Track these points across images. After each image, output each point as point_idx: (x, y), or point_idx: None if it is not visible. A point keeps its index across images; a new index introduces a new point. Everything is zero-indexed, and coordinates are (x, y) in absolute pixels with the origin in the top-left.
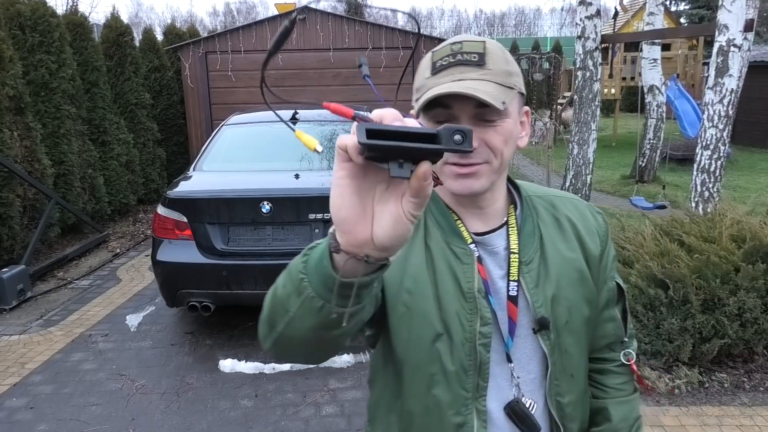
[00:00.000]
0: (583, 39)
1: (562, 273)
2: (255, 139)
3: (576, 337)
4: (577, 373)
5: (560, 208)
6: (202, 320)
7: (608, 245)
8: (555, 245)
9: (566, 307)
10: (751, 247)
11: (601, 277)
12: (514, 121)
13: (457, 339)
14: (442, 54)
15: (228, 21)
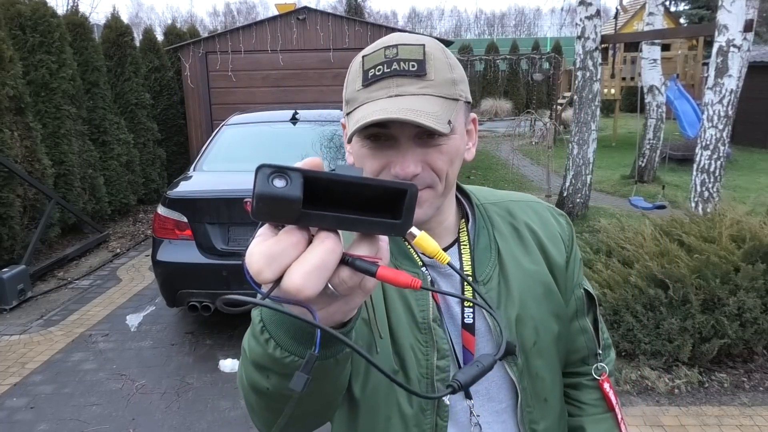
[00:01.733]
0: (583, 39)
1: (525, 289)
2: (255, 139)
3: (546, 358)
4: (550, 397)
5: (518, 214)
6: (202, 320)
7: (573, 250)
8: (515, 258)
9: (533, 327)
10: (750, 247)
11: (569, 285)
12: (461, 135)
13: (413, 375)
14: (374, 61)
15: (228, 21)
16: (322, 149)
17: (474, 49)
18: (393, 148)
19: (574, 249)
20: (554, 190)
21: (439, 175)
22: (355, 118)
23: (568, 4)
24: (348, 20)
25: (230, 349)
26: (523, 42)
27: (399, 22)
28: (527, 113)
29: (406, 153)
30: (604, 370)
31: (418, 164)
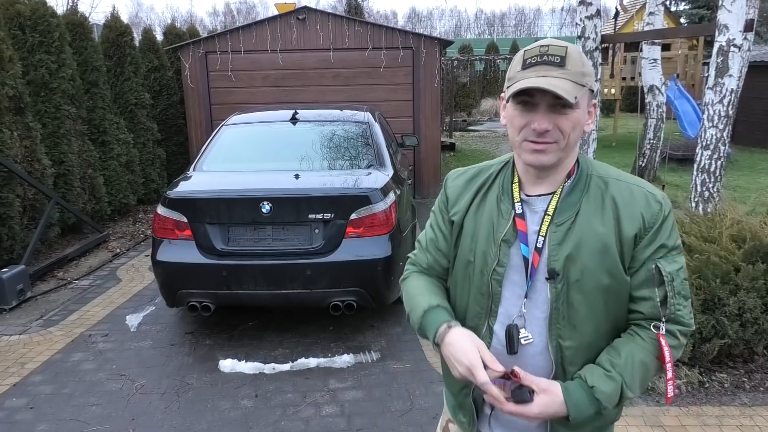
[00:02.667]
0: (583, 39)
1: (585, 241)
2: (255, 139)
3: (586, 296)
4: (581, 327)
5: (611, 189)
6: (202, 320)
7: (658, 230)
8: (589, 218)
9: (579, 269)
10: (751, 247)
11: (638, 256)
12: (583, 111)
13: (478, 270)
14: (532, 53)
15: (228, 21)
16: (322, 149)
17: (474, 49)
18: (534, 112)
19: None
20: None
21: (563, 134)
22: (512, 89)
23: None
24: (348, 20)
25: (230, 349)
26: (523, 42)
27: (399, 22)
28: None
29: (544, 115)
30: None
31: (550, 123)
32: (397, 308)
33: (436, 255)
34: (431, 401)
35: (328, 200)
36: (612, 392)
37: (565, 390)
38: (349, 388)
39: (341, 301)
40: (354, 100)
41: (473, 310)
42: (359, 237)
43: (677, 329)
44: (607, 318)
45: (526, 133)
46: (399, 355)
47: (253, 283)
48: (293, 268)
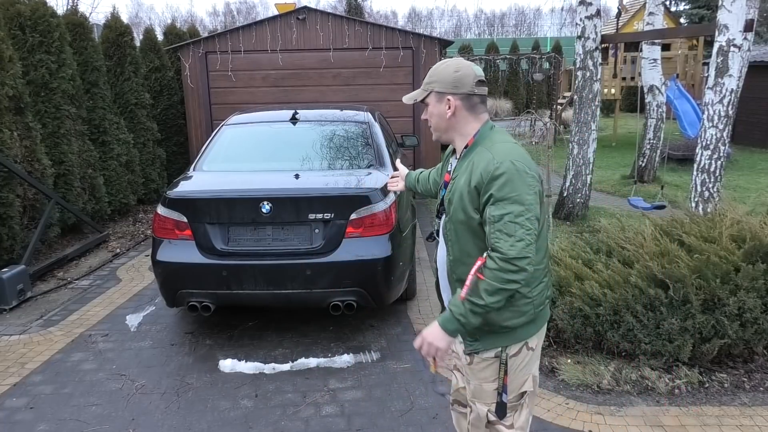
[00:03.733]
0: (583, 39)
1: (456, 189)
2: (255, 139)
3: (454, 226)
4: (454, 246)
5: (475, 154)
6: (202, 320)
7: (489, 184)
8: (462, 174)
9: (453, 207)
10: (751, 247)
11: (481, 202)
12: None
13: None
14: None
15: (228, 21)
16: (322, 149)
17: (474, 49)
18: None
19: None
20: (554, 190)
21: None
22: None
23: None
24: (348, 20)
25: (230, 349)
26: (523, 42)
27: (399, 22)
28: (527, 113)
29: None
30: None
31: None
32: (397, 308)
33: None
34: (431, 401)
35: (328, 200)
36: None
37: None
38: (349, 388)
39: (341, 301)
40: (354, 100)
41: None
42: (359, 237)
43: (495, 255)
44: (466, 242)
45: None
46: (399, 355)
47: (253, 283)
48: (293, 268)
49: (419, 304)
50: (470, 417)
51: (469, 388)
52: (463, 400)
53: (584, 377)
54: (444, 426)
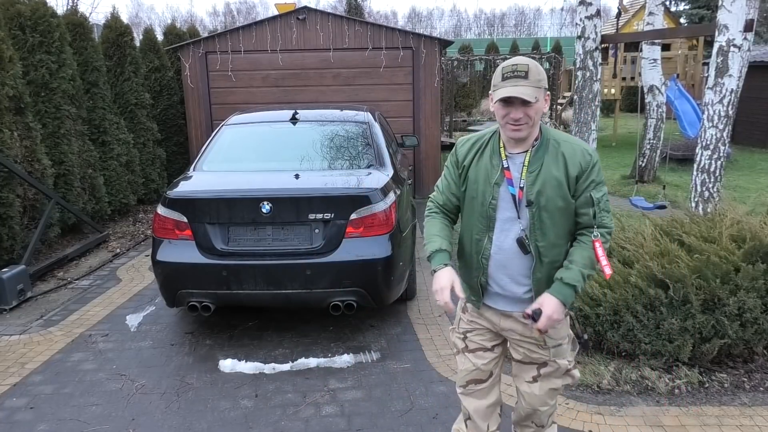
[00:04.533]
0: (583, 39)
1: (547, 180)
2: (255, 139)
3: (549, 213)
4: (548, 232)
5: (562, 147)
6: (202, 320)
7: (590, 172)
8: (548, 166)
9: (545, 197)
10: (751, 247)
11: (579, 188)
12: (541, 102)
13: (478, 203)
14: (506, 69)
15: (228, 21)
16: (322, 149)
17: (474, 49)
18: (512, 106)
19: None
20: None
21: (530, 118)
22: (498, 94)
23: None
24: (348, 20)
25: (230, 349)
26: (523, 42)
27: (399, 22)
28: None
29: (517, 108)
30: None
31: (522, 114)
32: (397, 308)
33: (449, 196)
34: (431, 401)
35: (328, 200)
36: (576, 276)
37: (551, 293)
38: (349, 388)
39: (341, 301)
40: (354, 100)
41: (477, 228)
42: (359, 237)
43: (604, 231)
44: (562, 226)
45: (507, 119)
46: (399, 355)
47: (253, 283)
48: (293, 268)
49: (419, 304)
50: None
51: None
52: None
53: (584, 377)
54: (444, 426)
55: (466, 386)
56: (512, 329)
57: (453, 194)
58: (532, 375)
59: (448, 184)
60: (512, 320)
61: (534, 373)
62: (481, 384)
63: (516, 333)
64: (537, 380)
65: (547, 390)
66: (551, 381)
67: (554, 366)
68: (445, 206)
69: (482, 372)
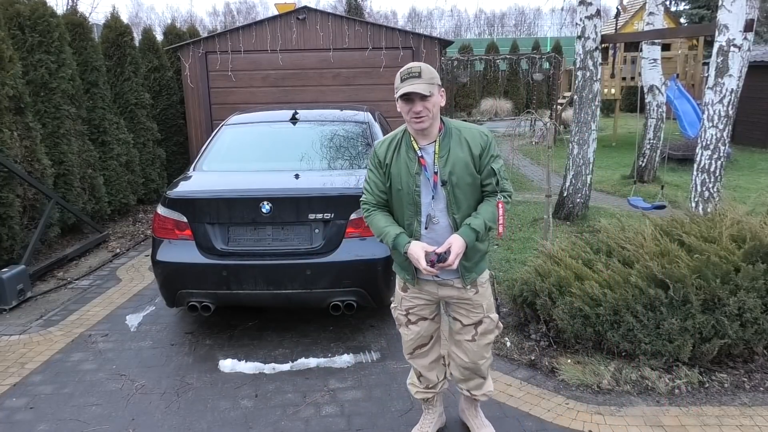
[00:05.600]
0: (583, 39)
1: (456, 162)
2: (255, 139)
3: (461, 190)
4: (462, 206)
5: (463, 133)
6: (202, 320)
7: (488, 149)
8: (455, 150)
9: (456, 176)
10: (751, 247)
11: (482, 163)
12: (437, 96)
13: (405, 192)
14: (404, 72)
15: (228, 21)
16: (322, 149)
17: (474, 48)
18: (412, 102)
19: (489, 149)
20: (554, 190)
21: (429, 111)
22: (399, 93)
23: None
24: (348, 20)
25: (230, 349)
26: (523, 42)
27: (399, 22)
28: (527, 113)
29: (417, 103)
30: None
31: (422, 107)
32: None
33: (379, 194)
34: None
35: (328, 200)
36: (480, 224)
37: (459, 234)
38: (349, 388)
39: (341, 301)
40: (354, 100)
41: (407, 214)
42: (359, 237)
43: (506, 194)
44: (472, 198)
45: (411, 114)
46: (399, 355)
47: (253, 283)
48: (293, 268)
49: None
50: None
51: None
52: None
53: (584, 377)
54: (444, 426)
55: (413, 352)
56: (450, 295)
57: (381, 191)
58: (471, 334)
59: (375, 183)
60: (448, 287)
61: (473, 332)
62: (424, 347)
63: (454, 298)
64: (475, 338)
65: (484, 345)
66: (486, 337)
67: (488, 321)
68: (378, 204)
69: (424, 338)
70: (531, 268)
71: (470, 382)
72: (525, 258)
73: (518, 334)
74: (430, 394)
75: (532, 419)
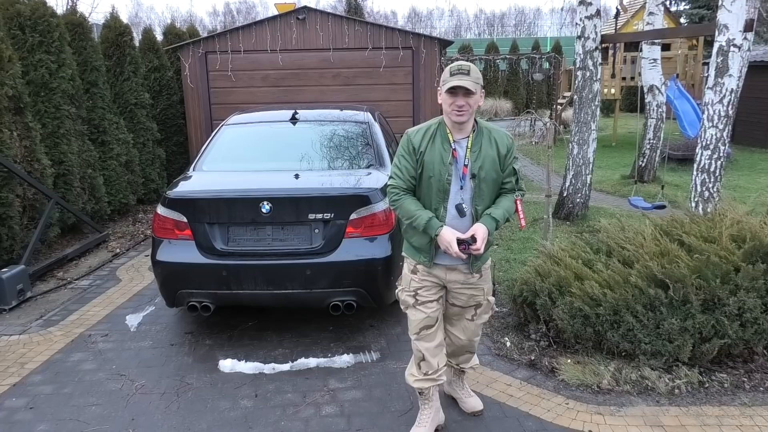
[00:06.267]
0: (583, 39)
1: (485, 158)
2: (255, 139)
3: (487, 183)
4: (485, 198)
5: (493, 133)
6: (202, 320)
7: (512, 150)
8: (486, 147)
9: (484, 171)
10: (751, 247)
11: (506, 163)
12: (478, 95)
13: (436, 179)
14: (453, 68)
15: (228, 21)
16: (322, 149)
17: (474, 49)
18: (457, 96)
19: (512, 151)
20: (554, 190)
21: (470, 106)
22: (446, 86)
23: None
24: (348, 20)
25: (230, 349)
26: (523, 42)
27: (399, 22)
28: (527, 113)
29: (461, 97)
30: (517, 195)
31: (465, 102)
32: (397, 308)
33: (409, 179)
34: None
35: (327, 200)
36: (501, 214)
37: (482, 223)
38: (349, 388)
39: (341, 301)
40: (354, 100)
41: (435, 200)
42: (359, 237)
43: (521, 192)
44: (493, 193)
45: (453, 107)
46: (399, 355)
47: (253, 283)
48: (293, 268)
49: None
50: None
51: (484, 291)
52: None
53: (584, 377)
54: (443, 425)
55: (420, 332)
56: (456, 280)
57: (412, 177)
58: (471, 314)
59: (407, 169)
60: (456, 272)
61: (473, 312)
62: (430, 329)
63: (459, 283)
64: (474, 318)
65: (479, 324)
66: (482, 317)
67: (486, 303)
68: (408, 189)
69: (431, 319)
70: (531, 268)
71: (461, 357)
72: (525, 258)
73: (518, 334)
74: (428, 382)
75: (532, 419)
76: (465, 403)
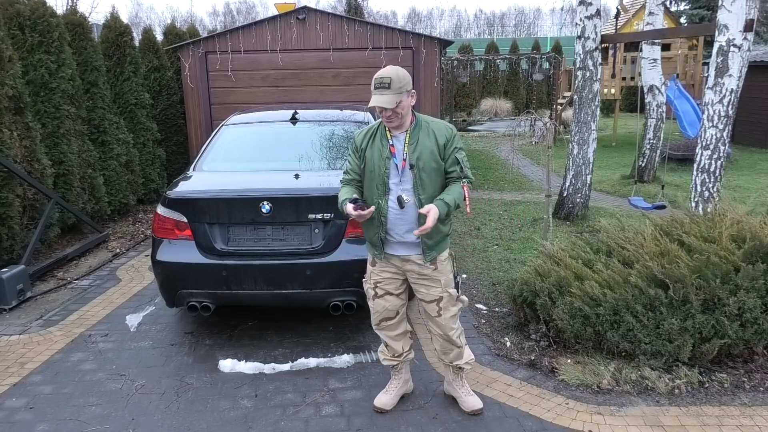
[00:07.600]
0: (583, 39)
1: (423, 149)
2: (255, 139)
3: (427, 173)
4: (427, 188)
5: (431, 125)
6: (202, 320)
7: (452, 141)
8: (423, 140)
9: (422, 161)
10: (751, 247)
11: (447, 153)
12: (405, 101)
13: (376, 174)
14: (375, 82)
15: (228, 21)
16: (322, 149)
17: (474, 48)
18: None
19: (453, 141)
20: (554, 190)
21: (398, 114)
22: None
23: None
24: (348, 20)
25: (230, 349)
26: (523, 42)
27: (399, 22)
28: (527, 113)
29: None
30: (464, 183)
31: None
32: None
33: (355, 174)
34: (431, 401)
35: (328, 200)
36: (451, 199)
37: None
38: (349, 388)
39: (341, 301)
40: (354, 100)
41: (376, 194)
42: (359, 237)
43: (468, 180)
44: (437, 182)
45: (382, 116)
46: None
47: (253, 283)
48: (293, 268)
49: (419, 304)
50: (444, 303)
51: (441, 283)
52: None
53: (584, 377)
54: (444, 426)
55: (380, 324)
56: (412, 270)
57: (356, 172)
58: (436, 310)
59: (351, 166)
60: (411, 263)
61: (436, 308)
62: (390, 321)
63: (415, 273)
64: (441, 313)
65: (449, 317)
66: (449, 310)
67: (446, 296)
68: (353, 180)
69: (390, 311)
70: (531, 268)
71: (450, 353)
72: (525, 258)
73: (518, 334)
74: (395, 361)
75: (532, 419)
76: (464, 402)
